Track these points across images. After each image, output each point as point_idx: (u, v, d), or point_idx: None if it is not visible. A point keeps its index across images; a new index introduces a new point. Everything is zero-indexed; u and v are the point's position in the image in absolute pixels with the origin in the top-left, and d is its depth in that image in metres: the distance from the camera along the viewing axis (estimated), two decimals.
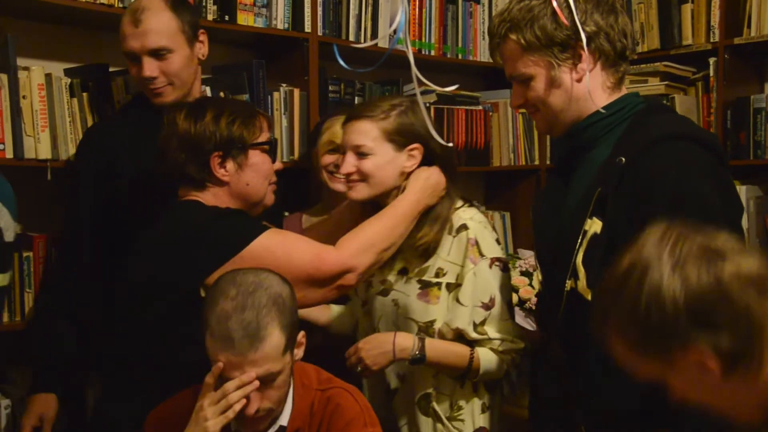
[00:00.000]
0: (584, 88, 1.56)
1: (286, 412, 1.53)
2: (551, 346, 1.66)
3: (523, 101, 1.65)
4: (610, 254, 1.40)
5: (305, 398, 1.55)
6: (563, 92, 1.59)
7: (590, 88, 1.56)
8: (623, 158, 1.48)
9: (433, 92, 3.11)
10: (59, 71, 2.33)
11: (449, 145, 1.76)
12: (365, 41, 2.91)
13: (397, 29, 1.20)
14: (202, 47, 2.10)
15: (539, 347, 1.80)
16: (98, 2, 2.24)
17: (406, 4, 1.22)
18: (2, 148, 2.10)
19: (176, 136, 1.75)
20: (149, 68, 1.98)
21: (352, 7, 2.92)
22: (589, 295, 1.50)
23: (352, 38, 2.92)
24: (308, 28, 2.76)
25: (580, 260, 1.52)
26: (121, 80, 2.34)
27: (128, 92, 2.33)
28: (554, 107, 1.61)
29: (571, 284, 1.54)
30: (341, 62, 1.34)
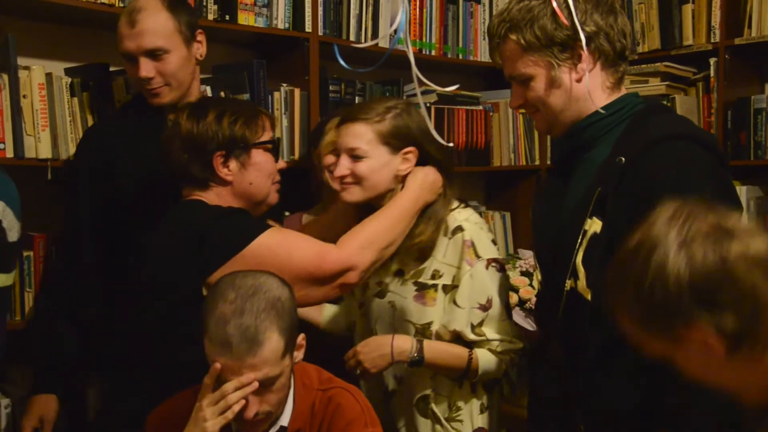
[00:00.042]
0: (584, 88, 1.56)
1: (287, 412, 1.53)
2: (551, 346, 1.66)
3: (522, 101, 1.65)
4: (609, 254, 1.40)
5: (306, 398, 1.55)
6: (563, 92, 1.59)
7: (590, 88, 1.56)
8: (623, 158, 1.48)
9: (433, 92, 3.11)
10: (60, 71, 2.33)
11: (450, 144, 1.76)
12: (366, 41, 2.91)
13: (397, 29, 1.20)
14: (199, 47, 2.10)
15: (539, 347, 1.80)
16: (99, 2, 2.24)
17: (406, 4, 1.22)
18: (2, 147, 2.10)
19: (179, 136, 1.76)
20: (145, 69, 1.98)
21: (352, 6, 2.92)
22: (588, 294, 1.50)
23: (352, 38, 2.92)
24: (309, 27, 2.76)
25: (580, 260, 1.52)
26: (121, 80, 2.34)
27: (129, 92, 2.33)
28: (554, 107, 1.61)
29: (570, 284, 1.54)
30: (342, 62, 1.34)
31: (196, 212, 1.73)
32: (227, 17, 2.53)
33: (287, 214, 2.56)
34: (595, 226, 1.50)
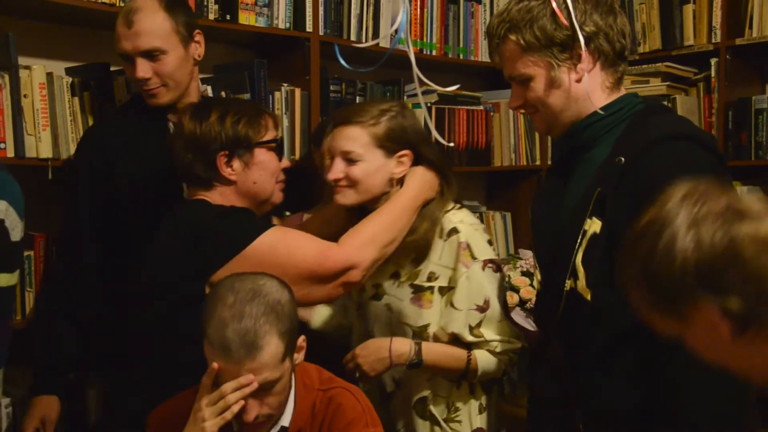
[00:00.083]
0: (583, 88, 1.56)
1: (287, 412, 1.53)
2: (551, 346, 1.66)
3: (522, 102, 1.65)
4: (609, 254, 1.40)
5: (307, 398, 1.55)
6: (563, 92, 1.59)
7: (589, 88, 1.56)
8: (623, 158, 1.48)
9: (434, 92, 3.11)
10: (60, 70, 2.33)
11: (450, 144, 1.76)
12: (366, 41, 2.91)
13: (398, 29, 1.20)
14: (198, 48, 2.09)
15: (539, 347, 1.80)
16: (100, 1, 2.24)
17: (407, 4, 1.22)
18: (3, 147, 2.10)
19: (182, 136, 1.77)
20: (142, 69, 1.98)
21: (353, 6, 2.92)
22: (588, 294, 1.50)
23: (353, 38, 2.92)
24: (309, 27, 2.76)
25: (579, 260, 1.52)
26: (122, 79, 2.34)
27: (129, 92, 2.33)
28: (554, 108, 1.60)
29: (570, 284, 1.54)
30: (342, 62, 1.35)
31: (197, 212, 1.73)
32: (228, 17, 2.53)
33: (288, 213, 2.56)
34: (594, 226, 1.50)
